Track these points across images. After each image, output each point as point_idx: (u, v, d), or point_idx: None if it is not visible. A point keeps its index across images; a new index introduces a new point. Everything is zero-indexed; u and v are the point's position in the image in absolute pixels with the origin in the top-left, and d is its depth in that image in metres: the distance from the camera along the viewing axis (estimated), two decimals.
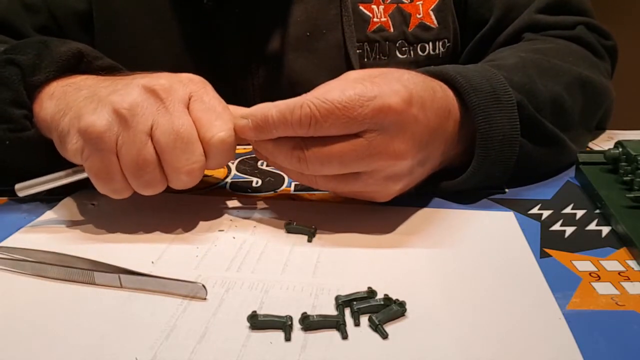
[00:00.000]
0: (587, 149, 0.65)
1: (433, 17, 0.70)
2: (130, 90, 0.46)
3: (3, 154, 0.52)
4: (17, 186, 0.50)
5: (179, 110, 0.46)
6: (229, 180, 0.60)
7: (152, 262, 0.45)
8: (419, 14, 0.70)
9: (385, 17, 0.69)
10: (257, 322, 0.37)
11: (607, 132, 0.70)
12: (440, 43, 0.72)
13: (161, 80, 0.47)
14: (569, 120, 0.58)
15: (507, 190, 0.55)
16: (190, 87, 0.48)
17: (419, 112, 0.46)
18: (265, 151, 0.48)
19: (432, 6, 0.70)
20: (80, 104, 0.47)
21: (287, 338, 0.36)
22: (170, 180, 0.47)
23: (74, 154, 0.47)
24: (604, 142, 0.67)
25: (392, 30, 0.69)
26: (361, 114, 0.43)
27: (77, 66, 0.54)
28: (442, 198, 0.54)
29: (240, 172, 0.62)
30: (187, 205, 0.54)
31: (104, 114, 0.45)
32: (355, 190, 0.49)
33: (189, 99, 0.47)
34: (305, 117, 0.44)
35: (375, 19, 0.69)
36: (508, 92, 0.52)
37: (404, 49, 0.70)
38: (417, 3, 0.70)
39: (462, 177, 0.52)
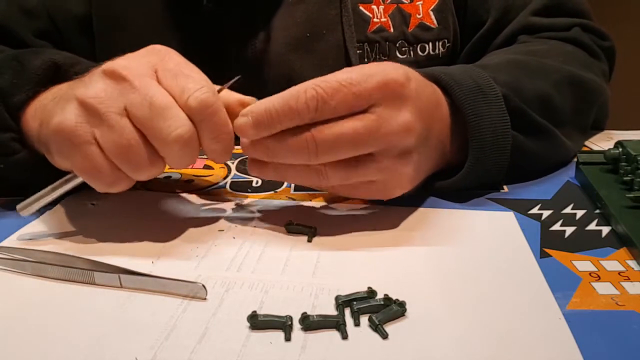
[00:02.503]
0: (587, 149, 0.65)
1: (433, 17, 0.70)
2: (91, 80, 0.45)
3: (2, 175, 0.52)
4: (18, 207, 0.49)
5: (147, 82, 0.44)
6: (229, 180, 0.60)
7: (152, 262, 0.45)
8: (419, 14, 0.70)
9: (385, 17, 0.69)
10: (257, 322, 0.37)
11: (607, 132, 0.70)
12: (440, 43, 0.72)
13: (120, 61, 0.45)
14: (560, 118, 0.58)
15: (505, 187, 0.55)
16: (150, 59, 0.46)
17: (418, 88, 0.47)
18: (265, 151, 0.45)
19: (432, 6, 0.70)
20: (49, 109, 0.47)
21: (287, 338, 0.36)
22: (164, 155, 0.45)
23: (60, 160, 0.46)
24: (604, 142, 0.67)
25: (392, 30, 0.69)
26: (367, 89, 0.44)
27: (55, 77, 0.53)
28: (442, 198, 0.54)
29: (240, 172, 0.62)
30: (187, 205, 0.54)
31: (71, 109, 0.44)
32: (366, 179, 0.47)
33: (155, 72, 0.45)
34: (311, 100, 0.43)
35: (375, 19, 0.69)
36: (493, 86, 0.53)
37: (404, 49, 0.70)
38: (417, 3, 0.70)
39: (460, 174, 0.52)
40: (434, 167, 0.52)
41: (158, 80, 0.45)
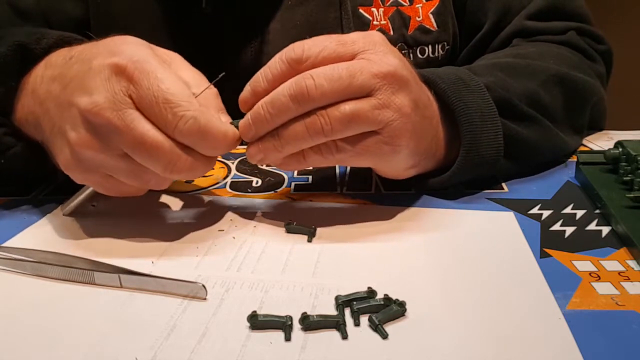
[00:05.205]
0: (587, 149, 0.65)
1: (433, 20, 0.71)
2: (75, 123, 0.44)
3: (4, 169, 0.53)
4: (61, 208, 0.52)
5: (129, 119, 0.43)
6: (228, 180, 0.60)
7: (152, 262, 0.45)
8: (419, 17, 0.70)
9: (385, 19, 0.69)
10: (257, 322, 0.37)
11: (607, 132, 0.70)
12: (440, 46, 0.72)
13: (94, 97, 0.43)
14: (550, 116, 0.58)
15: (505, 187, 0.55)
16: (121, 84, 0.43)
17: (401, 55, 0.49)
18: (265, 114, 0.45)
19: (432, 9, 0.70)
20: (50, 138, 0.48)
21: (287, 338, 0.36)
22: (174, 178, 0.46)
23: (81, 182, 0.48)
24: (604, 142, 0.67)
25: (391, 33, 0.69)
26: (351, 37, 0.47)
27: (25, 59, 0.52)
28: (442, 198, 0.54)
29: (240, 172, 0.62)
30: (187, 205, 0.54)
31: (68, 153, 0.45)
32: (369, 125, 0.45)
33: (132, 100, 0.44)
34: (298, 46, 0.46)
35: (375, 22, 0.69)
36: (474, 79, 0.53)
37: (403, 51, 0.70)
38: (417, 6, 0.70)
39: (455, 165, 0.52)
40: (431, 142, 0.51)
41: (137, 108, 0.43)
